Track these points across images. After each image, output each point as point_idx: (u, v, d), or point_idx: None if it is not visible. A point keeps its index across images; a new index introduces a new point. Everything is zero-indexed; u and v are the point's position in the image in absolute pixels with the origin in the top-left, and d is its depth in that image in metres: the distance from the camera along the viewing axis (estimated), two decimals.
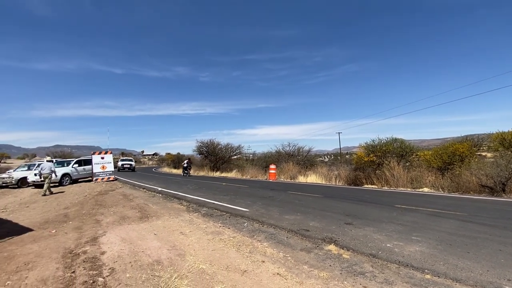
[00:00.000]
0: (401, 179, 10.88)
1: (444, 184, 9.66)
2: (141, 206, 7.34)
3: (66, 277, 2.91)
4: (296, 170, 17.26)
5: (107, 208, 7.28)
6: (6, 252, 3.86)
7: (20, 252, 3.84)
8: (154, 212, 6.45)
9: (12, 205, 9.01)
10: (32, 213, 7.22)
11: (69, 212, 7.02)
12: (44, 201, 9.35)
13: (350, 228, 4.54)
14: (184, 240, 4.13)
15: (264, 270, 2.97)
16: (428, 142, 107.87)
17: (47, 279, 2.88)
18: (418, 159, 13.33)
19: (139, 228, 4.98)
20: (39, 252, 3.78)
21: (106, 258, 3.46)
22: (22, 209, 8.09)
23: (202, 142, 28.53)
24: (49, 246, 4.05)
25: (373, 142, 14.12)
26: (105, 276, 2.91)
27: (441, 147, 12.71)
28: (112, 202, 8.28)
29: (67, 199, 9.56)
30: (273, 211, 6.17)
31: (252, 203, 7.21)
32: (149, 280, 2.78)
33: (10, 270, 3.17)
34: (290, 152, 22.74)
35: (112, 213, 6.48)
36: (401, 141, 13.62)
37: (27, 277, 2.96)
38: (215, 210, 6.50)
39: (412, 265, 2.98)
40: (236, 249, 3.68)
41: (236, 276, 2.83)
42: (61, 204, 8.39)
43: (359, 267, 3.00)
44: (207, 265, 3.13)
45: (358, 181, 13.04)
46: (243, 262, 3.20)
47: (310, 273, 2.88)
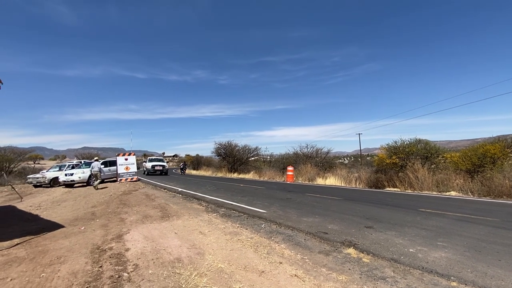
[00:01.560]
0: (426, 182, 10.40)
1: (474, 188, 9.11)
2: (162, 205, 7.59)
3: (94, 271, 3.09)
4: (314, 172, 17.02)
5: (130, 207, 7.60)
6: (41, 246, 4.16)
7: (53, 246, 4.12)
8: (175, 211, 6.64)
9: (46, 203, 9.66)
10: (63, 211, 7.71)
11: (96, 210, 7.41)
12: (73, 200, 9.94)
13: (370, 232, 4.42)
14: (203, 240, 4.22)
15: (281, 272, 2.97)
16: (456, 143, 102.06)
17: (77, 272, 3.07)
18: (444, 161, 12.68)
19: (161, 227, 5.16)
20: (70, 247, 4.04)
21: (130, 254, 3.63)
22: (54, 207, 8.65)
23: (220, 144, 29.00)
24: (79, 242, 4.31)
25: (395, 143, 13.63)
26: (130, 271, 3.05)
27: (470, 148, 12.01)
28: (135, 201, 8.64)
29: (94, 198, 10.09)
30: (291, 213, 6.15)
31: (270, 205, 7.22)
32: (170, 277, 2.89)
33: (44, 263, 3.42)
34: (308, 153, 22.48)
35: (136, 212, 6.76)
36: (426, 142, 13.03)
37: (59, 270, 3.17)
38: (233, 211, 6.58)
39: (436, 271, 2.86)
40: (254, 250, 3.71)
41: (253, 277, 2.87)
42: (89, 203, 8.88)
43: (380, 271, 2.92)
44: (226, 265, 3.18)
45: (379, 183, 12.63)
46: (261, 263, 3.23)
47: (328, 276, 2.85)
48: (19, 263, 3.46)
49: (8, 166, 22.03)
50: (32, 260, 3.53)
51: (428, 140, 13.27)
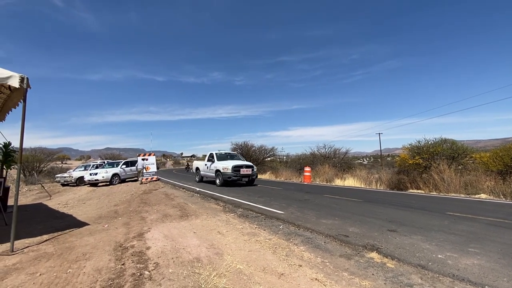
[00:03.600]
0: (453, 183, 9.86)
1: (506, 190, 8.51)
2: (181, 205, 7.72)
3: (117, 268, 3.18)
4: (333, 173, 16.67)
5: (151, 206, 7.80)
6: (68, 243, 4.34)
7: (79, 243, 4.29)
8: (193, 211, 6.73)
9: (72, 201, 10.15)
10: (88, 209, 8.05)
11: (119, 209, 7.66)
12: (97, 198, 10.36)
13: (394, 236, 4.23)
14: (222, 240, 4.23)
15: (301, 275, 2.90)
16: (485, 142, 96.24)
17: (101, 269, 3.17)
18: (473, 162, 11.96)
19: (180, 226, 5.24)
20: (95, 244, 4.19)
21: (151, 253, 3.70)
22: (80, 205, 9.06)
23: (237, 144, 29.12)
24: (103, 239, 4.46)
25: (418, 143, 13.05)
26: (151, 270, 3.11)
27: (501, 148, 11.22)
28: (155, 200, 8.85)
29: (116, 197, 10.46)
30: (309, 214, 6.03)
31: (287, 206, 7.14)
32: (189, 276, 2.90)
33: (71, 259, 3.56)
34: (325, 154, 22.08)
35: (156, 211, 6.92)
36: (452, 142, 12.38)
37: (85, 266, 3.29)
38: (250, 211, 6.56)
39: (469, 279, 2.67)
40: (272, 252, 3.66)
41: (273, 279, 2.82)
42: (111, 202, 9.21)
43: (406, 278, 2.77)
44: (244, 266, 3.16)
45: (401, 185, 12.13)
46: (280, 265, 3.17)
47: (350, 281, 2.74)
48: (48, 258, 3.62)
49: (38, 166, 23.41)
50: (60, 256, 3.69)
51: (454, 140, 12.60)
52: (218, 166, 12.48)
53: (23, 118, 4.02)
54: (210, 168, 13.30)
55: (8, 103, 5.32)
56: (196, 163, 16.22)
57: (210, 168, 13.36)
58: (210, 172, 13.38)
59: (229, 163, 12.33)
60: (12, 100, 5.06)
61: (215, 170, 12.66)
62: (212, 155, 13.81)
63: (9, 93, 4.96)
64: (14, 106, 5.13)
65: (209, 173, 13.59)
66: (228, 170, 11.88)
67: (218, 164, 12.72)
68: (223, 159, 13.40)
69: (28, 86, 4.00)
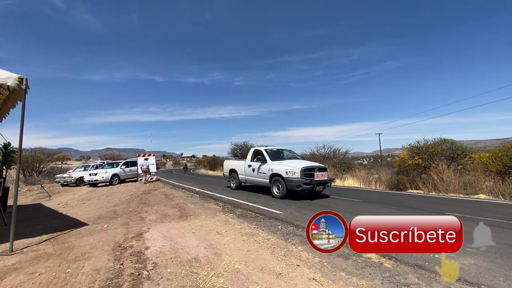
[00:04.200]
0: (452, 183, 9.87)
1: (506, 191, 8.53)
2: (180, 205, 7.74)
3: (115, 268, 3.19)
4: (332, 173, 16.69)
5: (150, 206, 7.81)
6: (67, 243, 4.35)
7: (78, 243, 4.30)
8: (192, 211, 6.74)
9: (72, 201, 10.16)
10: (87, 209, 8.06)
11: (118, 209, 7.68)
12: (97, 199, 10.37)
13: None
14: (220, 240, 4.24)
15: (299, 274, 2.92)
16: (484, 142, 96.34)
17: (100, 269, 3.18)
18: (472, 162, 11.98)
19: (179, 226, 5.25)
20: (94, 244, 4.20)
21: (149, 253, 3.71)
22: (80, 205, 9.07)
23: (237, 145, 29.18)
24: (102, 239, 4.48)
25: (418, 143, 13.09)
26: (149, 269, 3.12)
27: (501, 148, 11.24)
28: (154, 201, 8.87)
29: (116, 197, 10.47)
30: (308, 214, 6.04)
31: (286, 206, 7.15)
32: (188, 276, 2.92)
33: (70, 259, 3.57)
34: (325, 154, 22.08)
35: (155, 211, 6.93)
36: (451, 142, 12.41)
37: (83, 266, 3.30)
38: (249, 212, 6.57)
39: (465, 279, 2.68)
40: (271, 252, 3.68)
41: (270, 279, 2.83)
42: (111, 202, 9.23)
43: (403, 277, 2.79)
44: (242, 265, 3.17)
45: (401, 185, 12.15)
46: (278, 265, 3.19)
47: (348, 281, 2.76)
48: (47, 258, 3.64)
49: (38, 166, 23.41)
50: (59, 256, 3.70)
51: (454, 140, 12.63)
52: (277, 169, 8.45)
53: (22, 118, 4.04)
54: (260, 171, 9.26)
55: (7, 104, 5.33)
56: (231, 163, 11.78)
57: (259, 171, 9.32)
58: (259, 177, 9.40)
59: (295, 164, 8.23)
60: (11, 101, 5.08)
61: (271, 175, 8.68)
62: (259, 152, 9.81)
63: (8, 93, 4.97)
64: (12, 107, 5.14)
65: (257, 178, 9.56)
66: (295, 175, 7.88)
67: (274, 165, 8.68)
68: (278, 157, 9.45)
69: (27, 87, 4.01)
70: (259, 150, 9.96)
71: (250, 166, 9.93)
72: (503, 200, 8.00)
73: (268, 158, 9.23)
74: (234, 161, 12.20)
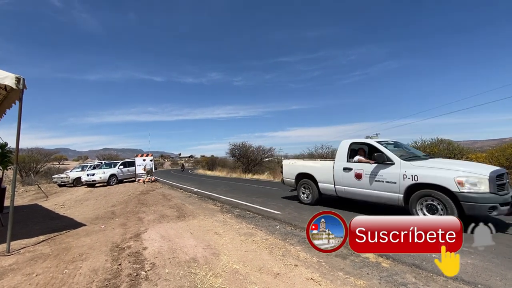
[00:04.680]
0: None
1: None
2: (178, 205, 7.72)
3: (113, 269, 3.18)
4: None
5: (148, 206, 7.79)
6: (64, 243, 4.34)
7: (76, 244, 4.28)
8: (191, 211, 6.74)
9: (69, 202, 10.11)
10: (85, 210, 8.02)
11: (116, 209, 7.65)
12: (94, 199, 10.33)
13: None
14: (218, 240, 4.24)
15: (297, 274, 2.93)
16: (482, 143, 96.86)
17: (98, 269, 3.17)
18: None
19: (177, 226, 5.25)
20: (91, 245, 4.19)
21: (147, 253, 3.71)
22: (77, 205, 9.03)
23: (235, 145, 29.14)
24: (99, 240, 4.46)
25: (415, 143, 13.16)
26: (147, 270, 3.12)
27: (497, 148, 11.34)
28: (152, 201, 8.85)
29: (114, 197, 10.43)
30: (306, 214, 6.05)
31: (285, 206, 7.16)
32: (185, 276, 2.92)
33: (67, 260, 3.56)
34: (323, 154, 22.14)
35: (153, 212, 6.92)
36: (449, 142, 12.50)
37: (81, 267, 3.29)
38: (247, 212, 6.58)
39: (462, 279, 2.70)
40: (269, 252, 3.68)
41: (269, 279, 2.84)
42: (109, 202, 9.19)
43: (401, 277, 2.80)
44: (241, 266, 3.18)
45: None
46: (276, 265, 3.19)
47: (345, 281, 2.77)
48: (44, 259, 3.62)
49: (35, 166, 23.24)
50: (56, 257, 3.69)
51: (451, 140, 12.71)
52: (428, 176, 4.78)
53: (19, 118, 4.02)
54: (378, 179, 5.54)
55: (3, 104, 5.30)
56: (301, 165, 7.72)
57: (375, 178, 5.58)
58: (374, 188, 5.60)
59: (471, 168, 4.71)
60: (7, 101, 5.05)
61: (411, 186, 4.95)
62: (370, 147, 6.21)
63: (5, 93, 4.95)
64: (9, 107, 5.11)
65: (368, 191, 5.72)
66: (481, 188, 4.27)
67: (417, 169, 5.00)
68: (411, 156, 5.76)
69: (24, 86, 3.99)
70: (369, 143, 6.19)
71: (350, 170, 6.10)
72: None
73: (395, 157, 5.40)
74: (306, 161, 7.95)
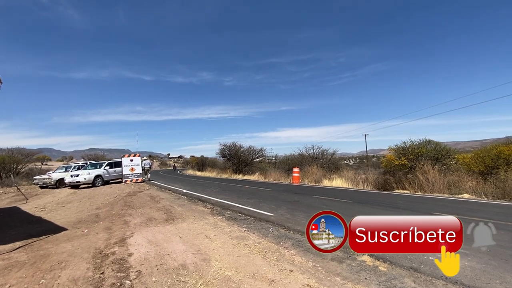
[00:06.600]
0: (437, 184, 10.08)
1: (488, 190, 8.77)
2: (167, 208, 7.45)
3: (95, 278, 2.94)
4: (321, 174, 16.75)
5: (135, 209, 7.48)
6: (42, 250, 4.04)
7: (55, 250, 3.99)
8: (180, 214, 6.49)
9: (51, 204, 9.61)
10: (67, 213, 7.62)
11: (100, 212, 7.30)
12: (78, 201, 9.87)
13: None
14: (209, 244, 4.06)
15: (292, 280, 2.79)
16: (464, 144, 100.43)
17: (78, 279, 2.93)
18: (456, 163, 12.33)
19: (165, 230, 5.01)
20: (72, 252, 3.91)
21: (133, 260, 3.48)
22: (59, 208, 8.58)
23: (225, 145, 28.83)
24: (81, 246, 4.18)
25: (404, 144, 13.32)
26: (132, 279, 2.90)
27: (482, 149, 11.63)
28: (139, 203, 8.52)
29: (99, 199, 10.01)
30: (299, 216, 5.94)
31: (277, 207, 7.03)
32: (174, 285, 2.72)
33: (44, 268, 3.29)
34: (313, 155, 22.21)
35: (140, 215, 6.63)
36: (436, 143, 12.72)
37: (59, 276, 3.03)
38: (239, 214, 6.40)
39: (462, 282, 2.64)
40: (262, 256, 3.53)
41: (263, 286, 2.68)
42: (93, 205, 8.79)
43: (399, 282, 2.71)
44: (233, 272, 3.01)
45: (388, 185, 12.32)
46: (270, 271, 3.04)
47: (343, 286, 2.65)
48: (19, 268, 3.34)
49: (15, 167, 22.19)
50: (33, 265, 3.41)
51: (438, 141, 12.96)
52: None
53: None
54: None
55: None
56: None
57: None
58: None
59: None
60: None
61: None
62: None
63: None
64: None
65: None
66: None
67: None
68: None
69: (0, 81, 3.70)
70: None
71: None
72: (486, 200, 8.21)
73: None
74: None
